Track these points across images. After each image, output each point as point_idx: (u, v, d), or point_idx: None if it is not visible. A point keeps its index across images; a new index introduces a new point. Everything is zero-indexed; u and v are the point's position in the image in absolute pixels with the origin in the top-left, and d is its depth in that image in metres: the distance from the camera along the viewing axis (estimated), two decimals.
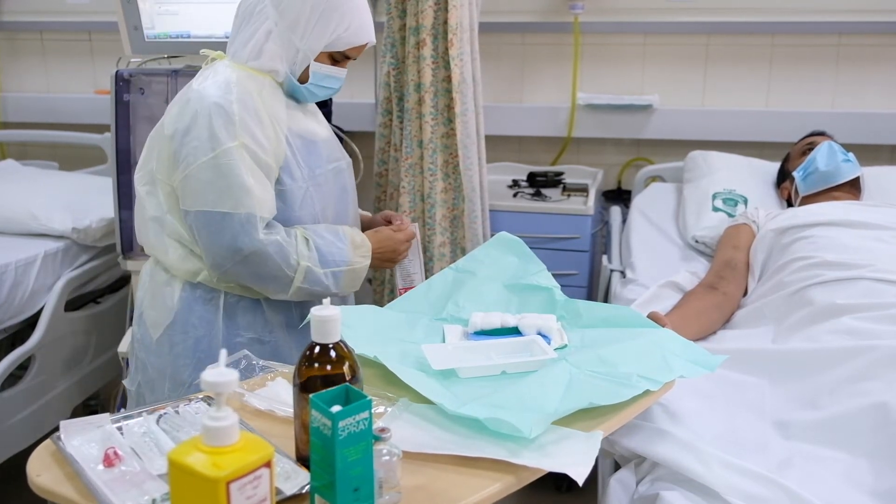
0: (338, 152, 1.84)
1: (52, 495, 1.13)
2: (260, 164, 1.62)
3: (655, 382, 1.34)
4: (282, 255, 1.62)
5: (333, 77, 1.73)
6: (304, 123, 1.75)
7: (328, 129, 1.85)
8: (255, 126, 1.61)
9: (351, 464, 0.97)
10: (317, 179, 1.73)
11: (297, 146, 1.70)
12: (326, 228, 1.72)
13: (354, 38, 1.69)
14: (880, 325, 1.69)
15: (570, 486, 2.57)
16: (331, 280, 1.69)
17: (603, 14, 2.92)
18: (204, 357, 1.72)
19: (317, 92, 1.74)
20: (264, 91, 1.66)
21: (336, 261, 1.69)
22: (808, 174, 2.39)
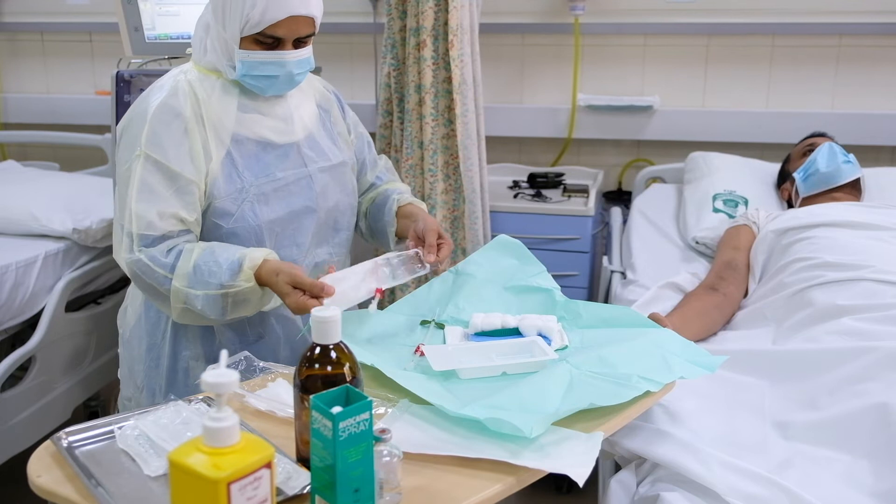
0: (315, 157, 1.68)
1: (52, 496, 1.13)
2: (167, 175, 1.51)
3: (656, 383, 1.34)
4: (149, 274, 1.51)
5: (268, 63, 1.55)
6: (260, 127, 1.62)
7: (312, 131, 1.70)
8: (167, 135, 1.52)
9: (351, 465, 0.97)
10: (261, 188, 1.59)
11: (242, 153, 1.59)
12: (226, 247, 1.53)
13: (267, 16, 1.51)
14: (881, 326, 1.69)
15: (570, 487, 2.57)
16: (202, 302, 1.49)
17: (603, 15, 2.92)
18: (153, 366, 1.69)
19: (257, 83, 1.58)
20: (214, 93, 1.58)
21: (209, 282, 1.49)
22: (808, 175, 2.39)
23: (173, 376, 1.68)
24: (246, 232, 1.59)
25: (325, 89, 1.81)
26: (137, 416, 1.27)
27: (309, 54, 1.62)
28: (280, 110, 1.65)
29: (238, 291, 1.49)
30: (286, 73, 1.57)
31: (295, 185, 1.64)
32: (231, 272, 1.48)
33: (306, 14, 1.54)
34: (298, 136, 1.67)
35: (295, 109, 1.68)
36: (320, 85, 1.81)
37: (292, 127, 1.66)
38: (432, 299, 1.68)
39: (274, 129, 1.64)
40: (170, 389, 1.68)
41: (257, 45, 1.54)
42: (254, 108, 1.62)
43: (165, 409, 1.28)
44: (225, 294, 1.49)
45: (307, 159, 1.67)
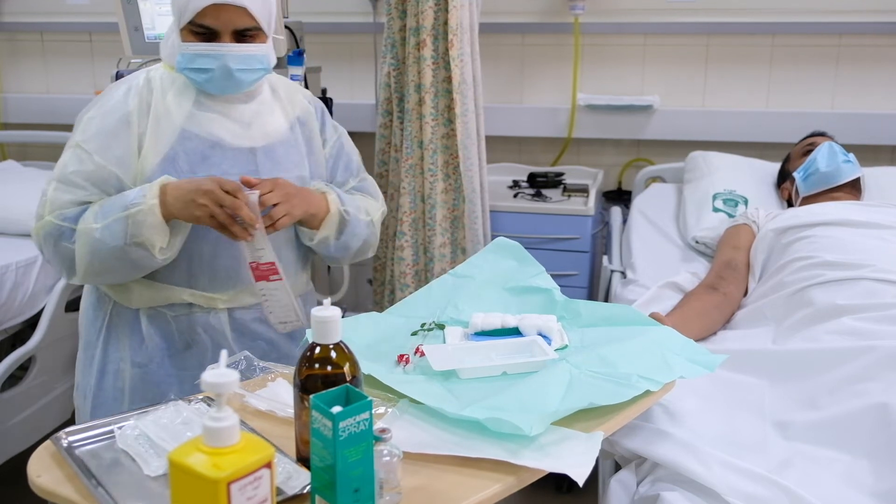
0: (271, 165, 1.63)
1: (52, 496, 1.13)
2: (91, 168, 1.52)
3: (655, 383, 1.34)
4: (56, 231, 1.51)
5: (202, 55, 1.53)
6: (214, 126, 1.58)
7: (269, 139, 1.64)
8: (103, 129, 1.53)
9: (351, 464, 0.97)
10: None
11: (188, 149, 1.55)
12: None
13: (192, 4, 1.49)
14: (881, 326, 1.69)
15: (570, 487, 2.57)
16: (107, 233, 1.47)
17: (603, 15, 2.92)
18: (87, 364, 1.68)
19: (196, 77, 1.55)
20: (172, 90, 1.57)
21: (113, 210, 1.49)
22: (808, 175, 2.39)
23: (102, 378, 1.67)
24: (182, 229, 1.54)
25: (309, 103, 1.77)
26: (137, 416, 1.27)
27: (256, 52, 1.56)
28: (238, 114, 1.62)
29: (139, 210, 1.47)
30: (222, 67, 1.53)
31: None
32: (135, 195, 1.49)
33: (232, 2, 1.49)
34: (255, 143, 1.63)
35: (257, 116, 1.64)
36: (304, 99, 1.77)
37: (250, 132, 1.62)
38: (431, 302, 1.68)
39: (229, 130, 1.60)
40: (98, 391, 1.67)
41: (194, 36, 1.53)
42: (210, 108, 1.59)
43: (165, 409, 1.28)
44: (126, 216, 1.47)
45: (260, 166, 1.62)
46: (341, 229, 1.71)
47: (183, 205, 1.48)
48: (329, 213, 1.68)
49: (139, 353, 1.64)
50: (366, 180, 1.88)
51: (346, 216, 1.71)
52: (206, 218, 1.48)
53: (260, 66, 1.58)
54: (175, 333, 1.64)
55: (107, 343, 1.66)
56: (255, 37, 1.56)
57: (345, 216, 1.70)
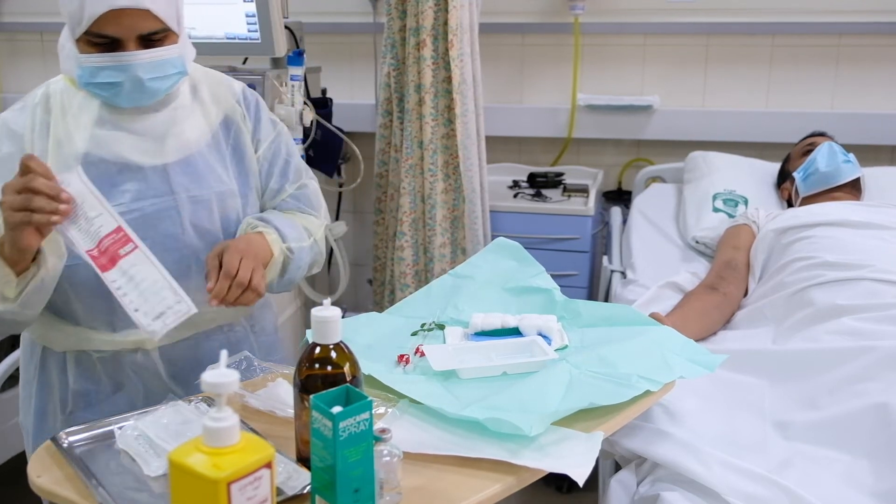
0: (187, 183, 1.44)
1: (52, 496, 1.13)
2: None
3: (655, 383, 1.34)
4: None
5: (105, 67, 1.33)
6: (120, 146, 1.39)
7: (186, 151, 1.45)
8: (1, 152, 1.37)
9: (351, 464, 0.97)
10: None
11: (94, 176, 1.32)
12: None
13: (87, 12, 1.30)
14: (881, 326, 1.69)
15: (570, 487, 2.57)
16: None
17: (603, 15, 2.92)
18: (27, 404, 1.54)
19: (104, 93, 1.36)
20: (72, 107, 1.39)
21: None
22: (808, 175, 2.39)
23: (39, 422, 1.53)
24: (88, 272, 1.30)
25: (238, 103, 1.55)
26: (137, 416, 1.27)
27: (168, 55, 1.37)
28: (148, 126, 1.42)
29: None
30: (132, 79, 1.34)
31: (155, 217, 1.41)
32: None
33: (133, 6, 1.30)
34: (169, 158, 1.43)
35: (171, 126, 1.44)
36: (231, 97, 1.55)
37: (162, 147, 1.43)
38: (431, 302, 1.68)
39: (137, 148, 1.40)
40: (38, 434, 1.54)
41: (93, 46, 1.33)
42: (115, 124, 1.40)
43: (165, 409, 1.28)
44: None
45: (176, 185, 1.43)
46: (285, 269, 1.52)
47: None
48: (272, 258, 1.47)
49: (66, 399, 1.48)
50: (306, 187, 1.65)
51: (289, 255, 1.52)
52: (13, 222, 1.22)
53: (175, 71, 1.40)
54: (102, 377, 1.47)
55: (41, 385, 1.51)
56: (163, 39, 1.36)
57: (288, 255, 1.52)
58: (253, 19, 2.36)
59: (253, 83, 2.42)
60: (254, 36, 2.39)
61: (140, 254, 1.26)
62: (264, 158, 1.57)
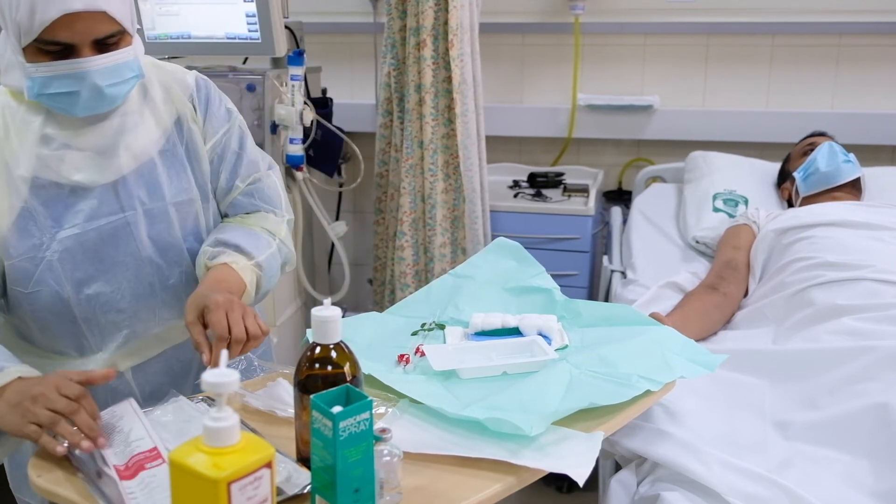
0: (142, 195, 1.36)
1: (52, 496, 1.13)
2: None
3: (656, 383, 1.34)
4: None
5: (60, 77, 1.23)
6: (66, 167, 1.30)
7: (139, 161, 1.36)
8: None
9: (352, 464, 0.97)
10: (65, 243, 1.30)
11: (44, 199, 1.28)
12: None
13: (37, 18, 1.18)
14: (881, 326, 1.69)
15: (570, 487, 2.57)
16: None
17: (603, 15, 2.92)
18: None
19: (59, 105, 1.26)
20: (15, 123, 1.28)
21: None
22: (808, 174, 2.39)
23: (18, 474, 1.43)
24: (50, 299, 1.28)
25: (191, 99, 1.44)
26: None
27: (124, 59, 1.28)
28: (96, 139, 1.32)
29: None
30: (90, 87, 1.24)
31: (111, 236, 1.34)
32: None
33: (89, 8, 1.20)
34: (121, 172, 1.34)
35: (121, 135, 1.34)
36: (182, 92, 1.43)
37: (113, 161, 1.33)
38: (431, 302, 1.68)
39: (85, 167, 1.31)
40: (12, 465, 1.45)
41: (43, 55, 1.22)
42: (60, 142, 1.29)
43: (165, 407, 1.27)
44: None
45: (127, 201, 1.35)
46: (258, 286, 1.44)
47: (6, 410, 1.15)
48: (246, 287, 1.39)
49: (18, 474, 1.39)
50: (259, 181, 1.52)
51: (260, 271, 1.43)
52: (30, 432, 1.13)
53: (132, 75, 1.30)
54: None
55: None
56: (119, 41, 1.27)
57: (259, 273, 1.43)
58: (253, 19, 2.36)
59: (253, 83, 2.42)
60: (254, 36, 2.39)
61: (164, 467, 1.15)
62: (213, 153, 1.46)
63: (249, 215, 1.52)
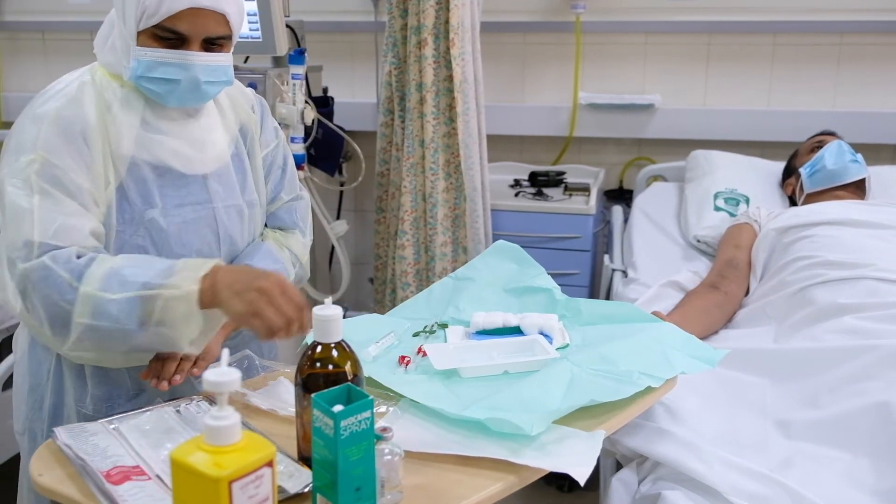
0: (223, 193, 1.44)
1: (54, 495, 1.13)
2: (68, 187, 1.28)
3: (657, 379, 1.34)
4: (49, 280, 1.22)
5: (169, 64, 1.31)
6: (162, 151, 1.37)
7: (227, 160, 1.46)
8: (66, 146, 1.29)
9: (353, 463, 0.97)
10: (155, 223, 1.36)
11: (137, 179, 1.34)
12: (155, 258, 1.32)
13: (165, 6, 1.28)
14: (882, 325, 1.69)
15: (571, 486, 2.57)
16: (120, 308, 1.22)
17: (604, 13, 2.92)
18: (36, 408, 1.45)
19: (155, 88, 1.33)
20: (115, 104, 1.35)
21: (132, 282, 1.23)
22: (814, 171, 2.39)
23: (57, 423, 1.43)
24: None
25: (252, 109, 1.55)
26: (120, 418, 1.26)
27: (224, 63, 1.38)
28: (189, 133, 1.41)
29: (171, 296, 1.22)
30: (190, 79, 1.33)
31: (194, 224, 1.41)
32: (164, 271, 1.24)
33: (214, 8, 1.30)
34: (209, 168, 1.42)
35: (208, 133, 1.44)
36: (246, 103, 1.54)
37: (203, 155, 1.42)
38: (432, 304, 1.68)
39: (179, 155, 1.39)
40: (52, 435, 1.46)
41: (157, 41, 1.31)
42: (159, 128, 1.37)
43: (148, 415, 1.26)
44: (153, 297, 1.22)
45: (213, 194, 1.43)
46: None
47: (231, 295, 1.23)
48: None
49: (83, 404, 1.43)
50: (301, 199, 1.63)
51: None
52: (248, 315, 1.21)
53: (225, 79, 1.40)
54: (128, 381, 1.43)
55: (56, 387, 1.44)
56: (223, 46, 1.38)
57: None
58: (254, 18, 2.36)
59: (254, 82, 2.42)
60: (255, 35, 2.39)
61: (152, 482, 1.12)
62: (264, 163, 1.56)
63: (283, 232, 1.60)
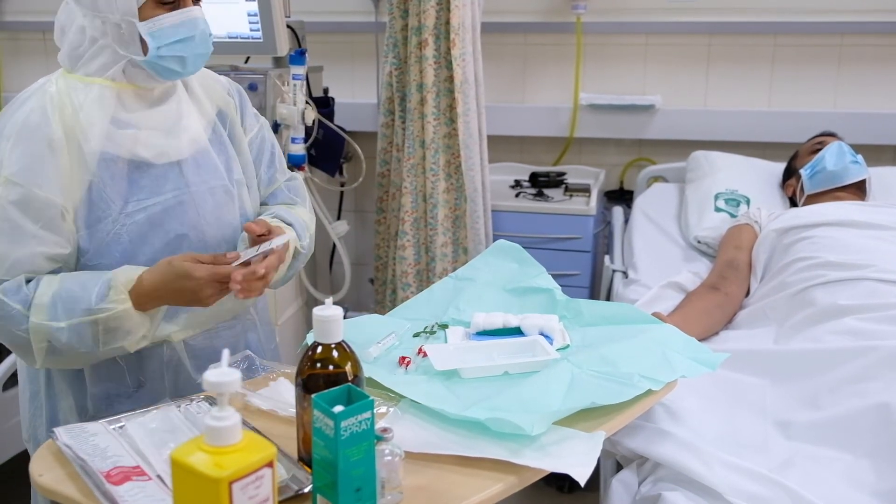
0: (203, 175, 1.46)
1: (54, 495, 1.13)
2: (32, 204, 1.30)
3: (657, 382, 1.34)
4: (3, 312, 1.29)
5: (178, 25, 1.36)
6: (135, 144, 1.39)
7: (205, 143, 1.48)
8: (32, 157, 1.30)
9: (353, 464, 0.97)
10: (132, 217, 1.38)
11: (109, 176, 1.36)
12: (93, 272, 1.35)
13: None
14: (882, 326, 1.69)
15: (572, 487, 2.57)
16: (71, 336, 1.30)
17: (605, 14, 2.92)
18: (36, 415, 1.49)
19: (174, 53, 1.36)
20: (87, 104, 1.36)
21: (76, 309, 1.30)
22: (815, 172, 2.39)
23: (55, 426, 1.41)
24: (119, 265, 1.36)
25: (228, 94, 1.57)
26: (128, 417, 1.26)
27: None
28: (160, 121, 1.43)
29: (109, 316, 1.30)
30: (201, 33, 1.38)
31: (173, 210, 1.42)
32: (99, 294, 1.30)
33: None
34: (183, 153, 1.44)
35: (179, 119, 1.45)
36: (222, 89, 1.56)
37: (176, 142, 1.43)
38: (433, 304, 1.68)
39: (152, 145, 1.41)
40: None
41: (160, 7, 1.35)
42: (130, 122, 1.39)
43: (154, 413, 1.27)
44: (94, 321, 1.30)
45: (191, 178, 1.44)
46: (291, 266, 1.56)
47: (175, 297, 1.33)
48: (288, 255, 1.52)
49: (84, 405, 1.45)
50: (296, 178, 1.69)
51: (301, 251, 1.57)
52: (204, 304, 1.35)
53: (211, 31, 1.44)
54: (126, 376, 1.45)
55: (49, 393, 1.47)
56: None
57: (301, 252, 1.57)
58: (255, 18, 2.36)
59: (255, 82, 2.42)
60: (256, 35, 2.39)
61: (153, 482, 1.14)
62: (251, 147, 1.58)
63: (287, 206, 1.63)
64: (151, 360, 1.46)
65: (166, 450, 1.16)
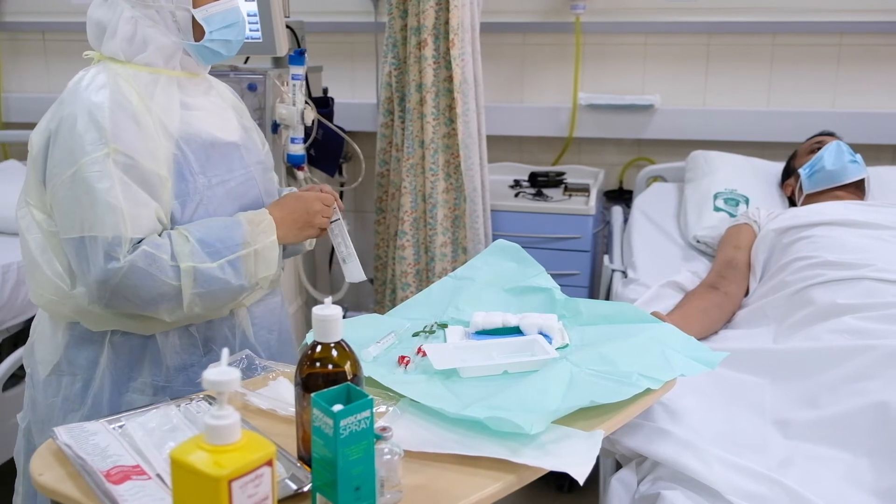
0: (252, 156, 1.60)
1: (54, 494, 1.13)
2: (139, 172, 1.38)
3: (656, 381, 1.34)
4: (155, 265, 1.36)
5: (227, 12, 1.49)
6: (204, 124, 1.51)
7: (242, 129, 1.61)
8: (130, 130, 1.39)
9: (352, 463, 0.97)
10: (213, 190, 1.49)
11: (191, 152, 1.47)
12: (211, 219, 1.46)
13: None
14: (881, 325, 1.69)
15: (571, 486, 2.57)
16: (230, 272, 1.43)
17: (604, 14, 2.92)
18: (97, 402, 1.50)
19: (223, 37, 1.49)
20: (157, 90, 1.45)
21: (229, 246, 1.43)
22: (814, 172, 2.39)
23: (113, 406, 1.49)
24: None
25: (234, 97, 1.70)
26: (128, 415, 1.27)
27: None
28: (214, 107, 1.57)
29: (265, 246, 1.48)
30: (243, 20, 1.54)
31: (242, 187, 1.55)
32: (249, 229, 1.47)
33: None
34: (235, 137, 1.58)
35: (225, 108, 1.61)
36: (226, 89, 1.69)
37: (229, 125, 1.58)
38: (432, 304, 1.68)
39: (217, 125, 1.54)
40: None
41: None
42: (194, 105, 1.51)
43: (153, 413, 1.27)
44: (249, 254, 1.45)
45: (248, 160, 1.59)
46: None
47: (298, 230, 1.57)
48: None
49: (158, 376, 1.50)
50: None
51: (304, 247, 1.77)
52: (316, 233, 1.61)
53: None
54: (199, 344, 1.53)
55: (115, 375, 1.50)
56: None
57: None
58: (254, 18, 2.36)
59: (254, 83, 2.42)
60: (255, 35, 2.39)
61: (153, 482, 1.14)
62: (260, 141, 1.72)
63: None
64: (222, 327, 1.55)
65: (166, 449, 1.16)
